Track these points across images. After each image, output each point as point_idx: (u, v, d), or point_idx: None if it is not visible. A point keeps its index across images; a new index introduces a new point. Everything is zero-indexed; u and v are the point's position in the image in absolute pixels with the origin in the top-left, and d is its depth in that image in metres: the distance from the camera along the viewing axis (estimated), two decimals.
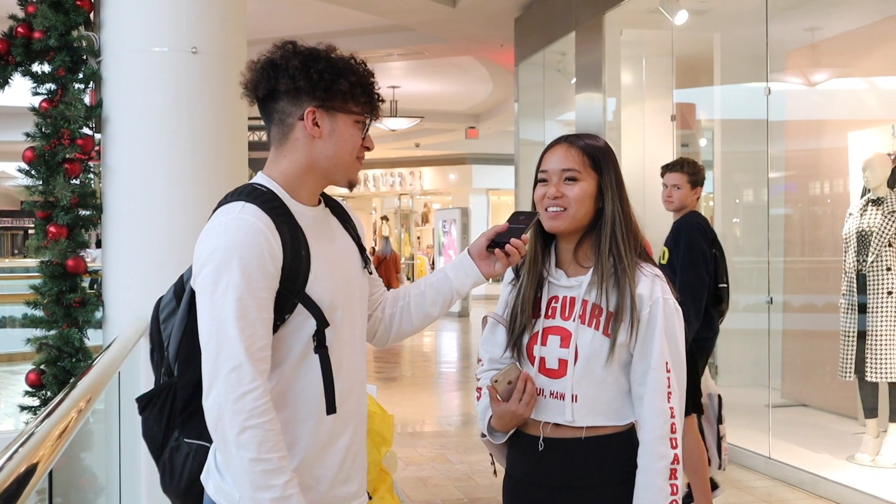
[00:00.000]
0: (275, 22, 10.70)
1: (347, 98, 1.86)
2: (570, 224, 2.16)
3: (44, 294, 4.22)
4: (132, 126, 4.26)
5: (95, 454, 4.08)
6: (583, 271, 2.19)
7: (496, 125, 17.67)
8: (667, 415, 2.10)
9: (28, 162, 4.25)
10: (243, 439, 1.68)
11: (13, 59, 4.30)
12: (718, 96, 9.15)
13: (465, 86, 15.14)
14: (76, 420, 2.08)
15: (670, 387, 2.11)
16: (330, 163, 1.89)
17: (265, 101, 1.89)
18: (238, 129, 4.48)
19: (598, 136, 2.28)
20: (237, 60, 4.42)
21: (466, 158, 22.89)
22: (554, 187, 2.16)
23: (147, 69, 4.22)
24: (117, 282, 4.28)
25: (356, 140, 1.90)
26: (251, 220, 1.76)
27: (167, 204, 4.14)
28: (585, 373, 2.12)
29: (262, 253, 1.74)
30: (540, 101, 10.05)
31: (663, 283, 2.17)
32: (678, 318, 2.16)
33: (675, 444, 2.10)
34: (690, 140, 9.61)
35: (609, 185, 2.17)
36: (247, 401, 1.69)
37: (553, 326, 2.17)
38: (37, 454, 1.63)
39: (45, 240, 4.22)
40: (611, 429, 2.15)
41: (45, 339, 4.22)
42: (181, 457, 1.92)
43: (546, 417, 2.16)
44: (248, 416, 1.69)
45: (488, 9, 9.68)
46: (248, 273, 1.73)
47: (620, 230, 2.15)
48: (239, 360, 1.70)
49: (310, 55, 1.85)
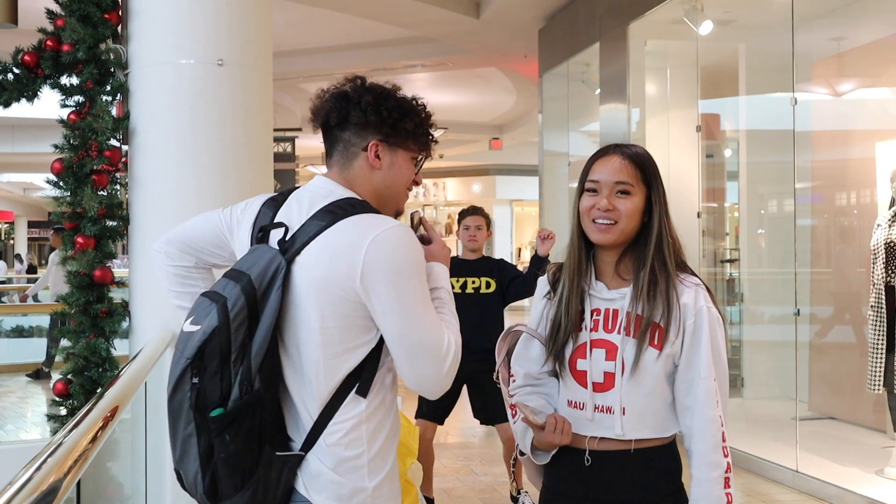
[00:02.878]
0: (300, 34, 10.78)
1: (409, 137, 2.07)
2: (619, 237, 2.15)
3: (71, 304, 4.25)
4: (159, 137, 4.29)
5: (121, 463, 4.10)
6: (624, 283, 2.18)
7: (520, 136, 17.66)
8: (718, 423, 2.09)
9: (56, 173, 4.29)
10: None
11: (42, 72, 4.35)
12: (744, 107, 9.10)
13: (489, 97, 15.15)
14: (103, 430, 2.08)
15: (718, 395, 2.10)
16: (386, 192, 2.08)
17: (334, 129, 2.06)
18: (264, 140, 4.50)
19: (642, 147, 2.27)
20: (263, 72, 4.44)
21: (490, 169, 22.88)
22: (606, 199, 2.14)
23: (174, 81, 4.25)
24: (144, 292, 4.30)
25: (410, 175, 2.11)
26: (408, 228, 1.99)
27: (192, 215, 4.15)
28: (633, 385, 2.11)
29: (421, 250, 2.00)
30: (564, 112, 10.03)
31: (705, 292, 2.16)
32: (720, 327, 2.15)
33: (726, 453, 2.10)
34: (715, 151, 9.56)
35: (657, 199, 2.17)
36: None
37: (597, 339, 2.16)
38: (65, 465, 1.63)
39: (73, 250, 4.26)
40: (657, 441, 2.15)
41: (72, 349, 4.25)
42: (276, 470, 1.90)
43: (593, 432, 2.15)
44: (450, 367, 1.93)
45: (513, 20, 9.69)
46: (422, 271, 1.97)
47: (666, 242, 2.15)
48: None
49: (382, 93, 2.04)
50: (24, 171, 24.47)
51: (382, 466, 1.97)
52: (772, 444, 6.51)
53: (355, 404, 1.93)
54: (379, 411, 1.97)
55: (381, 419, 1.98)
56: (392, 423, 2.02)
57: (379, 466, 1.96)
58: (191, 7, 4.25)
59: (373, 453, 1.95)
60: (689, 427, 2.11)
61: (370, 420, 1.95)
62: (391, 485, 1.99)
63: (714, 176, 9.58)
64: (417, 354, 1.89)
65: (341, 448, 1.91)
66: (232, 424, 1.84)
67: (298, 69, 11.83)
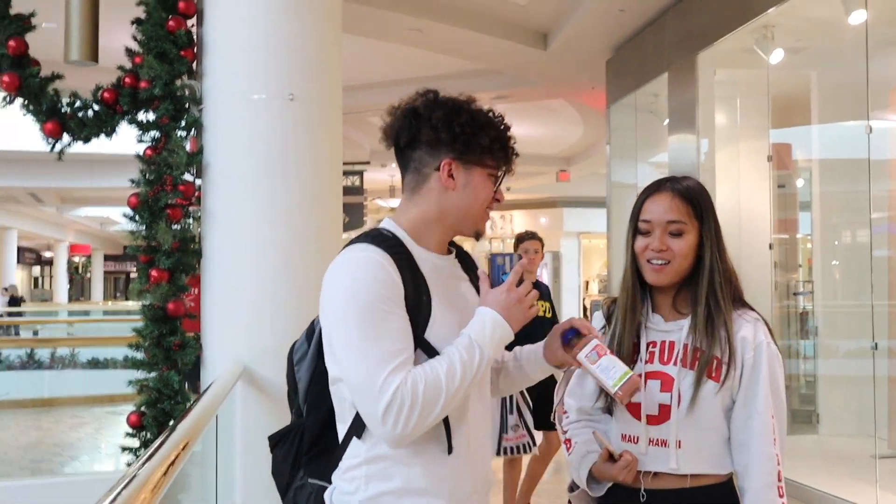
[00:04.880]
0: (368, 68, 10.90)
1: (485, 152, 1.90)
2: (674, 277, 2.13)
3: (145, 337, 4.32)
4: (231, 172, 4.36)
5: (192, 495, 4.14)
6: (681, 317, 2.14)
7: (587, 168, 17.59)
8: (774, 461, 2.04)
9: (132, 207, 4.39)
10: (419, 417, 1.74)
11: (120, 108, 4.46)
12: (816, 135, 8.94)
13: (555, 128, 15.12)
14: (175, 464, 2.11)
15: (775, 433, 2.05)
16: (460, 213, 1.92)
17: (404, 149, 1.93)
18: (333, 173, 4.55)
19: (693, 178, 2.22)
20: (333, 106, 4.50)
21: (557, 202, 22.82)
22: (658, 240, 2.11)
23: (246, 116, 4.33)
24: (215, 325, 4.36)
25: (488, 193, 1.93)
26: (373, 256, 1.80)
27: (264, 249, 4.22)
28: (689, 418, 2.06)
29: (385, 280, 1.78)
30: (632, 143, 9.96)
31: (765, 327, 2.12)
32: (779, 364, 2.11)
33: (781, 493, 2.05)
34: (787, 181, 9.39)
35: (709, 235, 2.12)
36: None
37: (652, 371, 2.12)
38: (139, 497, 1.65)
39: (148, 283, 4.34)
40: (714, 478, 2.09)
41: (145, 381, 4.32)
42: (304, 495, 1.97)
43: (647, 467, 2.10)
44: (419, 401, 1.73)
45: (579, 51, 9.68)
46: (373, 303, 1.76)
47: (718, 279, 2.10)
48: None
49: (453, 107, 1.90)
50: (101, 205, 25.13)
51: None
52: (850, 483, 6.31)
53: (357, 445, 1.86)
54: (384, 462, 1.83)
55: (387, 469, 1.83)
56: (407, 481, 1.83)
57: None
58: (264, 43, 4.34)
59: (367, 495, 1.84)
60: (745, 464, 2.06)
61: (373, 464, 1.84)
62: None
63: (786, 206, 9.41)
64: (353, 393, 1.78)
65: (342, 481, 1.88)
66: (277, 445, 2.03)
67: (366, 103, 11.96)
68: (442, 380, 1.74)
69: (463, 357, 1.78)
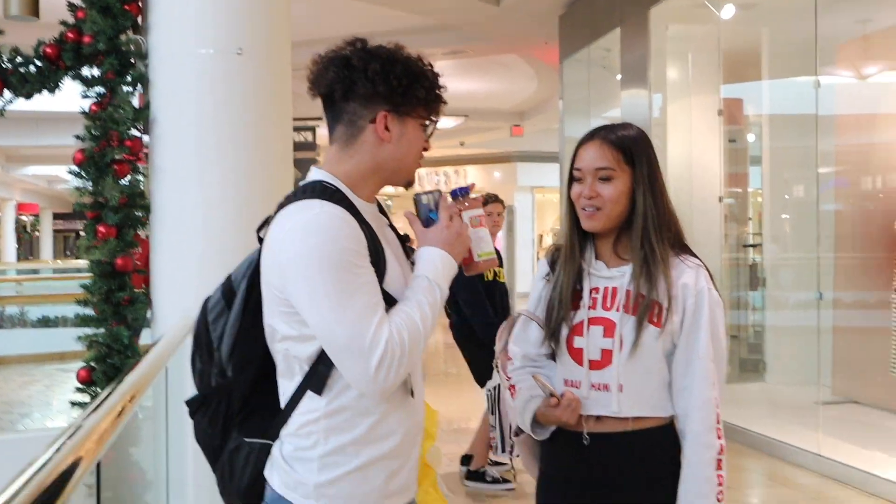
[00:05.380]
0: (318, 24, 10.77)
1: (420, 104, 1.89)
2: (607, 223, 2.15)
3: (93, 293, 4.30)
4: (179, 127, 4.31)
5: (144, 450, 4.14)
6: (624, 262, 2.18)
7: (541, 123, 17.59)
8: (713, 405, 2.09)
9: (78, 164, 4.33)
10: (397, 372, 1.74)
11: (63, 64, 4.38)
12: (766, 91, 9.03)
13: (509, 83, 15.10)
14: (123, 414, 2.11)
15: (715, 377, 2.10)
16: (395, 165, 1.91)
17: (338, 101, 1.88)
18: (283, 129, 4.52)
19: (632, 125, 2.24)
20: (282, 62, 4.46)
21: (511, 156, 22.84)
22: (589, 187, 2.14)
23: (193, 71, 4.27)
24: (165, 281, 4.34)
25: (421, 143, 1.94)
26: (335, 213, 1.77)
27: (213, 204, 4.19)
28: (631, 362, 2.10)
29: (352, 236, 1.76)
30: (585, 98, 9.98)
31: (706, 273, 2.16)
32: (720, 310, 2.15)
33: (720, 435, 2.10)
34: (738, 135, 9.50)
35: (641, 181, 2.14)
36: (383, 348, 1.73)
37: (595, 317, 2.16)
38: (83, 447, 1.65)
39: (95, 239, 4.30)
40: (655, 420, 2.14)
41: (95, 336, 4.30)
42: (242, 456, 1.91)
43: (589, 410, 2.14)
44: (394, 359, 1.73)
45: (532, 6, 9.64)
46: (347, 260, 1.74)
47: (653, 224, 2.13)
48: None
49: (388, 58, 1.85)
50: (48, 164, 24.67)
51: (340, 464, 1.82)
52: (794, 429, 6.49)
53: (315, 399, 1.83)
54: (345, 413, 1.82)
55: (349, 421, 1.82)
56: (370, 430, 1.83)
57: (334, 463, 1.82)
58: None
59: (328, 449, 1.83)
60: (685, 408, 2.11)
61: (332, 417, 1.82)
62: (353, 488, 1.83)
63: (737, 161, 9.52)
64: (338, 352, 1.75)
65: (297, 437, 1.85)
66: (201, 408, 1.96)
67: None
68: (419, 325, 1.77)
69: (429, 300, 1.81)
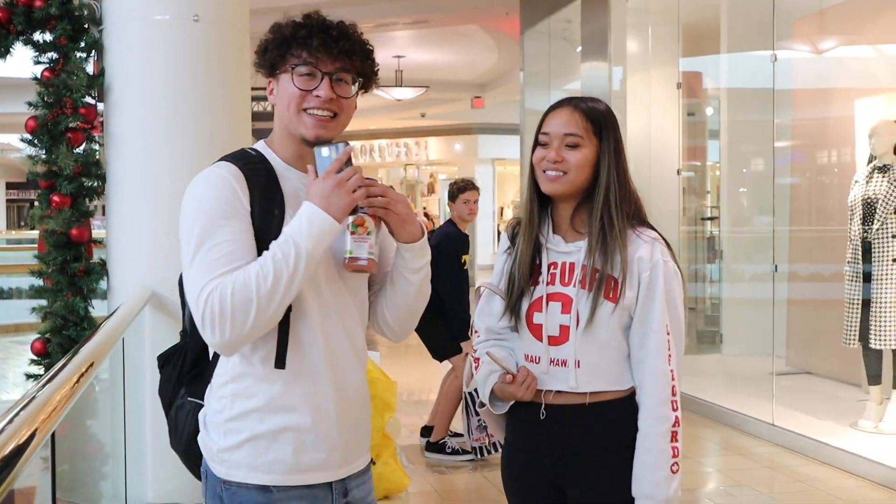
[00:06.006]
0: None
1: (281, 57, 1.89)
2: (569, 188, 2.15)
3: (48, 263, 4.23)
4: (134, 94, 4.25)
5: (101, 422, 4.11)
6: (580, 237, 2.18)
7: (502, 95, 17.57)
8: (668, 377, 2.10)
9: (31, 131, 4.25)
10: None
11: (14, 28, 4.29)
12: (725, 64, 9.09)
13: (470, 55, 15.04)
14: (78, 385, 2.09)
15: (670, 349, 2.11)
16: (284, 122, 1.92)
17: None
18: (240, 97, 4.47)
19: (601, 100, 2.25)
20: (239, 29, 4.40)
21: (472, 128, 22.79)
22: (555, 151, 2.14)
23: (149, 37, 4.21)
24: (122, 251, 4.28)
25: (291, 91, 1.87)
26: (220, 172, 1.83)
27: (170, 172, 4.14)
28: (588, 338, 2.11)
29: (225, 196, 1.79)
30: (546, 70, 9.97)
31: (663, 246, 2.16)
32: (677, 282, 2.15)
33: (675, 407, 2.11)
34: (697, 109, 9.55)
35: (607, 152, 2.14)
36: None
37: (554, 293, 2.16)
38: (37, 419, 1.63)
39: (49, 209, 4.23)
40: (613, 394, 2.15)
41: (49, 308, 4.24)
42: (184, 414, 1.98)
43: (548, 386, 2.15)
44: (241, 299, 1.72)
45: None
46: (212, 218, 1.77)
47: (614, 198, 2.13)
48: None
49: (274, 28, 1.91)
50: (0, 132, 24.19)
51: (242, 430, 1.84)
52: (749, 399, 6.58)
53: (224, 363, 1.88)
54: (247, 379, 1.85)
55: (252, 387, 1.84)
56: (272, 399, 1.84)
57: (237, 429, 1.84)
58: None
59: (233, 414, 1.85)
60: (641, 380, 2.13)
61: (238, 381, 1.85)
62: (253, 457, 1.84)
63: (695, 134, 9.59)
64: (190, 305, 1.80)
65: (212, 400, 1.90)
66: (166, 364, 2.05)
67: None
68: (252, 280, 1.71)
69: (276, 255, 1.73)
